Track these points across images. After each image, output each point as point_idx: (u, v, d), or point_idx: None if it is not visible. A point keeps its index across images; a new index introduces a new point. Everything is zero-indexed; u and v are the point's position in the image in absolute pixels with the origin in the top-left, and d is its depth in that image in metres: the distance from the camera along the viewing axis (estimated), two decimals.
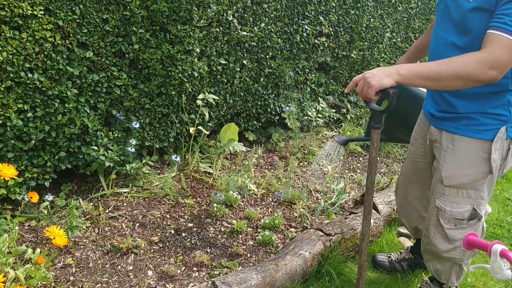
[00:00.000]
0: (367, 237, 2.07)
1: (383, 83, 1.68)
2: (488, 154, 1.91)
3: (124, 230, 2.74)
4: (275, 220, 2.95)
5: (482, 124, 1.90)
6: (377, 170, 4.19)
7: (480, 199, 2.02)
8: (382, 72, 1.70)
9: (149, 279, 2.39)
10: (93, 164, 2.93)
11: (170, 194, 3.12)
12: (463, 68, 1.63)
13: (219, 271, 2.51)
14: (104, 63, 2.81)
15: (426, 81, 1.67)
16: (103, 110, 2.91)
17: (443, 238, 2.10)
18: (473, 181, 1.97)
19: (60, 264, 2.39)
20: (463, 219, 2.03)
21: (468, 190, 1.99)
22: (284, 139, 4.32)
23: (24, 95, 2.51)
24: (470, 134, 1.93)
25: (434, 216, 2.10)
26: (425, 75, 1.67)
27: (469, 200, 2.01)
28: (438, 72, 1.65)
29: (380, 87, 1.69)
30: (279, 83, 4.15)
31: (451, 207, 2.03)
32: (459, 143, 1.97)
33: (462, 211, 2.02)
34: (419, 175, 2.34)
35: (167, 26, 3.05)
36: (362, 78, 1.74)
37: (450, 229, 2.06)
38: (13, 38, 2.39)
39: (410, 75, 1.68)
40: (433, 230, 2.12)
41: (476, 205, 2.02)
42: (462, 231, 2.03)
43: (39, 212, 2.69)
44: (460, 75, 1.63)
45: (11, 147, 2.52)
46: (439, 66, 1.66)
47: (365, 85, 1.72)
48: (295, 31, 4.13)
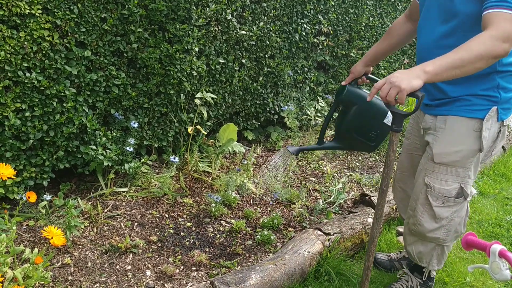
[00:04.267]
0: (376, 239, 2.09)
1: (414, 85, 1.66)
2: (479, 132, 1.99)
3: (123, 229, 2.73)
4: (274, 219, 2.95)
5: (474, 104, 1.99)
6: (377, 169, 4.19)
7: (467, 178, 2.10)
8: (408, 74, 1.68)
9: (147, 278, 2.39)
10: (91, 163, 2.92)
11: (169, 194, 3.11)
12: (482, 47, 1.65)
13: (218, 271, 2.51)
14: (103, 62, 2.80)
15: (453, 70, 1.67)
16: (101, 110, 2.90)
17: (430, 217, 2.17)
18: (463, 158, 2.05)
19: (58, 263, 2.39)
20: (451, 197, 2.11)
21: (457, 168, 2.07)
22: (283, 138, 4.31)
23: (22, 94, 2.50)
24: (462, 113, 2.01)
25: (422, 194, 2.17)
26: (450, 65, 1.67)
27: (457, 178, 2.09)
28: (461, 58, 1.66)
29: (412, 90, 1.67)
30: (278, 82, 4.14)
31: (439, 185, 2.10)
32: (451, 123, 2.04)
33: (450, 189, 2.10)
34: (415, 168, 2.36)
35: (166, 25, 3.04)
36: (387, 82, 1.69)
37: (438, 206, 2.13)
38: (11, 37, 2.38)
39: (438, 70, 1.67)
40: (421, 208, 2.19)
41: (464, 184, 2.10)
42: (449, 209, 2.13)
43: (37, 211, 2.68)
44: (482, 54, 1.65)
45: (9, 146, 2.52)
46: (459, 53, 1.67)
47: (392, 89, 1.67)
48: (294, 30, 4.13)
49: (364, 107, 2.26)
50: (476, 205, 3.67)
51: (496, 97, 1.97)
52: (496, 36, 1.66)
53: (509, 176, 4.40)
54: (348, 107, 2.29)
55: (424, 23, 2.12)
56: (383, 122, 2.29)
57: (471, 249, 1.73)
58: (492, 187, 4.11)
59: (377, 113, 2.27)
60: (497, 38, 1.66)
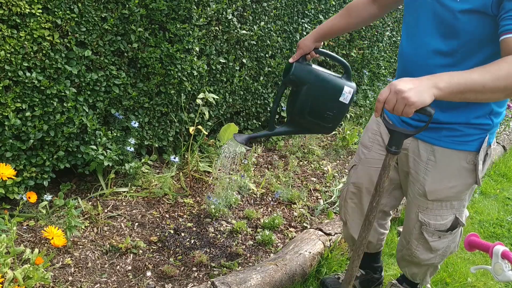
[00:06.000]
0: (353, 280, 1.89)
1: (425, 100, 1.38)
2: (473, 165, 1.80)
3: (123, 230, 2.72)
4: (274, 220, 2.94)
5: (465, 135, 1.77)
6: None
7: (462, 207, 1.95)
8: (417, 84, 1.40)
9: (148, 279, 2.38)
10: (92, 163, 2.91)
11: (169, 194, 3.10)
12: (510, 78, 1.39)
13: (219, 271, 2.50)
14: (103, 62, 2.79)
15: (469, 94, 1.41)
16: (102, 109, 2.89)
17: (426, 249, 2.03)
18: (457, 193, 1.87)
19: (58, 264, 2.38)
20: (447, 230, 1.95)
21: (452, 202, 1.91)
22: (283, 138, 4.31)
23: (22, 94, 2.50)
24: (453, 146, 1.79)
25: (416, 230, 1.99)
26: (469, 88, 1.39)
27: (452, 211, 1.93)
28: (483, 85, 1.39)
29: (422, 105, 1.38)
30: (279, 82, 4.13)
31: (435, 220, 1.94)
32: (441, 156, 1.82)
33: (446, 222, 1.94)
34: (373, 184, 2.01)
35: (166, 24, 3.03)
36: (392, 91, 1.41)
37: (434, 241, 1.98)
38: (11, 37, 2.38)
39: (453, 89, 1.40)
40: (415, 243, 2.03)
41: (458, 214, 1.94)
42: (445, 240, 1.99)
43: (38, 212, 2.67)
44: (507, 86, 1.39)
45: (9, 146, 2.51)
46: (482, 77, 1.39)
47: (399, 101, 1.40)
48: (295, 30, 4.12)
49: (317, 85, 1.99)
50: (477, 205, 3.67)
51: (489, 125, 1.76)
52: None
53: (510, 176, 4.40)
54: (298, 86, 2.01)
55: (413, 30, 1.79)
56: (339, 101, 2.01)
57: (473, 250, 1.72)
58: (493, 187, 4.10)
59: (331, 90, 2.00)
60: None
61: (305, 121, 2.06)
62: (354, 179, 2.15)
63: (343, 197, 2.23)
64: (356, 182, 2.14)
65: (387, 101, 1.42)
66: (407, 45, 1.82)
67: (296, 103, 2.02)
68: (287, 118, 2.14)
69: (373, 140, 2.08)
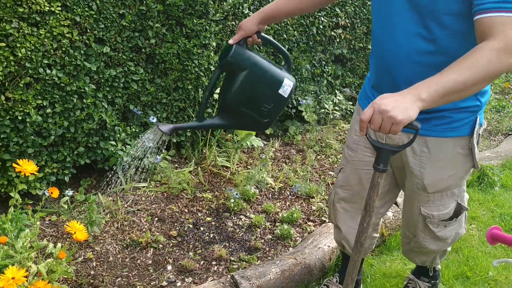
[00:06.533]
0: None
1: (411, 115, 1.31)
2: (468, 150, 1.75)
3: (143, 224, 2.75)
4: (293, 214, 2.94)
5: (455, 120, 1.70)
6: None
7: (463, 192, 1.92)
8: (400, 100, 1.32)
9: (168, 273, 2.40)
10: (111, 159, 2.94)
11: (188, 189, 3.12)
12: (489, 67, 1.33)
13: (238, 265, 2.51)
14: (121, 58, 2.82)
15: (452, 95, 1.36)
16: (120, 105, 2.92)
17: (435, 240, 1.97)
18: (457, 180, 1.83)
19: (80, 258, 2.42)
20: (451, 218, 1.91)
21: (453, 189, 1.86)
22: (301, 132, 4.30)
23: (43, 91, 2.53)
24: (444, 134, 1.73)
25: (421, 223, 1.94)
26: (450, 90, 1.34)
27: (453, 198, 1.89)
28: (464, 82, 1.33)
29: (409, 121, 1.32)
30: (295, 76, 4.12)
31: (438, 211, 1.89)
32: (434, 146, 1.75)
33: (449, 211, 1.90)
34: (363, 186, 1.98)
35: (183, 20, 3.04)
36: (376, 111, 1.34)
37: (441, 231, 1.94)
38: (31, 35, 2.41)
39: (435, 97, 1.34)
40: (422, 235, 1.98)
41: (460, 199, 1.90)
42: (452, 227, 1.94)
43: (59, 207, 2.71)
44: (487, 76, 1.34)
45: (31, 142, 2.55)
46: (460, 74, 1.33)
47: (385, 121, 1.32)
48: (311, 23, 4.10)
49: (256, 72, 1.83)
50: (498, 199, 3.62)
51: (477, 106, 1.70)
52: (504, 49, 1.33)
53: None
54: (235, 72, 1.83)
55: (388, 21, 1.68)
56: (277, 93, 1.86)
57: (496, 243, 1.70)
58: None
59: (271, 81, 1.84)
60: (504, 52, 1.33)
61: (238, 112, 1.88)
62: (342, 183, 2.07)
63: (331, 201, 2.15)
64: (345, 186, 2.06)
65: (372, 121, 1.35)
66: (384, 38, 1.71)
67: (231, 91, 1.84)
68: (218, 108, 1.96)
69: (357, 142, 1.99)
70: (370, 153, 1.93)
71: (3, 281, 1.55)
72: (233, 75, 1.84)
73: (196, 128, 1.99)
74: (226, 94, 1.87)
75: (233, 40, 1.87)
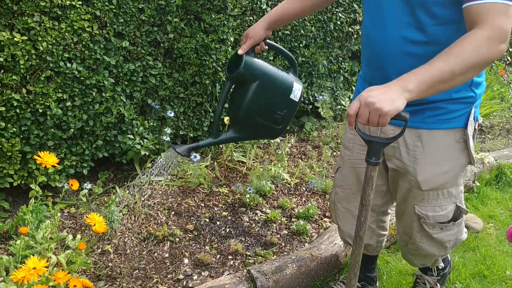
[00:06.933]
0: None
1: (399, 106, 1.31)
2: (463, 143, 1.69)
3: (160, 218, 2.77)
4: (309, 209, 2.94)
5: (450, 111, 1.65)
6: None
7: (461, 193, 1.81)
8: (387, 92, 1.32)
9: (185, 266, 2.42)
10: (129, 152, 2.97)
11: (204, 183, 3.14)
12: (476, 55, 1.32)
13: (254, 260, 2.52)
14: (140, 52, 2.84)
15: (440, 85, 1.33)
16: (138, 99, 2.94)
17: (431, 242, 1.87)
18: (452, 177, 1.74)
19: (98, 250, 2.45)
20: (449, 221, 1.81)
21: (449, 189, 1.76)
22: (317, 129, 4.29)
23: (63, 85, 2.56)
24: (438, 125, 1.67)
25: (416, 223, 1.85)
26: (437, 79, 1.32)
27: (451, 199, 1.79)
28: (451, 71, 1.31)
29: (397, 112, 1.31)
30: (312, 72, 4.11)
31: (433, 211, 1.79)
32: (428, 139, 1.69)
33: (446, 213, 1.79)
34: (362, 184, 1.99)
35: (201, 15, 3.05)
36: (362, 104, 1.33)
37: (437, 233, 1.83)
38: (52, 29, 2.43)
39: (422, 87, 1.32)
40: (418, 236, 1.88)
41: (459, 201, 1.80)
42: (450, 232, 1.84)
43: (78, 199, 2.75)
44: (476, 64, 1.33)
45: (51, 135, 2.58)
46: (447, 63, 1.32)
47: (372, 113, 1.32)
48: (329, 19, 4.08)
49: (267, 81, 1.80)
50: None
51: (472, 97, 1.65)
52: (493, 38, 1.32)
53: None
54: (246, 83, 1.80)
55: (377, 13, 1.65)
56: (289, 98, 1.86)
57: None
58: None
59: (281, 88, 1.84)
60: (493, 40, 1.32)
61: (253, 123, 1.86)
62: (341, 182, 2.04)
63: (331, 201, 2.12)
64: (343, 185, 2.03)
65: (360, 114, 1.35)
66: (374, 30, 1.67)
67: (244, 102, 1.81)
68: (231, 121, 1.93)
69: (353, 141, 1.96)
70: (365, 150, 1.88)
71: (25, 271, 1.57)
72: (243, 86, 1.81)
73: (212, 144, 1.96)
74: (239, 106, 1.84)
75: (243, 50, 1.82)
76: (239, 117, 1.85)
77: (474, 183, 3.63)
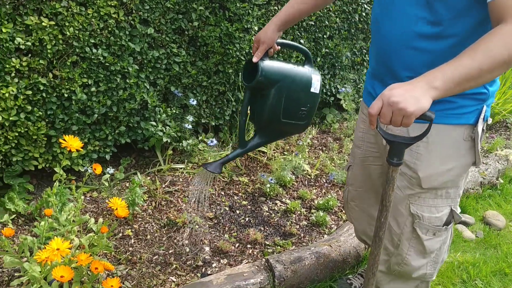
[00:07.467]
0: None
1: (424, 105, 1.22)
2: (471, 141, 1.58)
3: (180, 205, 2.79)
4: (329, 201, 2.93)
5: (461, 106, 1.54)
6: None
7: (458, 197, 1.71)
8: (411, 89, 1.23)
9: (204, 253, 2.43)
10: (151, 139, 2.99)
11: (225, 172, 3.15)
12: (506, 52, 1.21)
13: (273, 250, 2.53)
14: (164, 40, 2.84)
15: (467, 83, 1.24)
16: (162, 87, 2.95)
17: (418, 253, 1.75)
18: (456, 176, 1.64)
19: (119, 234, 2.48)
20: (442, 225, 1.70)
21: (448, 189, 1.66)
22: (338, 121, 4.27)
23: (89, 70, 2.58)
24: (447, 120, 1.56)
25: (408, 227, 1.71)
26: (465, 77, 1.22)
27: (447, 201, 1.68)
28: (480, 68, 1.22)
29: (422, 112, 1.22)
30: (335, 64, 4.08)
31: (429, 213, 1.67)
32: (435, 134, 1.56)
33: (441, 215, 1.69)
34: (373, 182, 1.92)
35: (226, 3, 3.04)
36: (385, 104, 1.24)
37: (429, 239, 1.71)
38: (79, 14, 2.45)
39: (449, 84, 1.23)
40: (407, 245, 1.74)
41: (454, 205, 1.70)
42: (439, 239, 1.73)
43: (100, 184, 2.78)
44: (505, 60, 1.22)
45: (75, 120, 2.61)
46: (475, 59, 1.22)
47: (395, 113, 1.23)
48: (354, 11, 4.04)
49: (287, 82, 1.78)
50: None
51: (484, 94, 1.54)
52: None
53: None
54: (265, 89, 1.78)
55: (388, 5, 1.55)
56: (310, 93, 1.84)
57: None
58: None
59: (301, 84, 1.81)
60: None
61: (278, 125, 1.84)
62: (353, 180, 2.02)
63: (345, 199, 2.10)
64: (355, 183, 2.01)
65: (382, 114, 1.26)
66: (383, 22, 1.59)
67: (266, 107, 1.79)
68: (256, 128, 1.92)
69: (363, 139, 1.91)
70: (376, 148, 1.85)
71: (48, 252, 1.60)
72: (263, 91, 1.79)
73: (241, 154, 1.92)
74: (261, 113, 1.82)
75: (257, 57, 1.77)
76: (264, 123, 1.85)
77: (497, 180, 3.57)
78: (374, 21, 1.65)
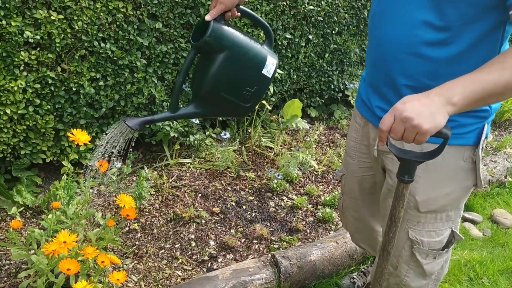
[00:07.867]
0: None
1: (440, 123, 1.11)
2: (471, 163, 1.46)
3: (187, 199, 2.80)
4: (335, 198, 2.92)
5: (461, 125, 1.41)
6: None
7: (458, 217, 1.60)
8: (426, 104, 1.11)
9: (210, 248, 2.44)
10: (158, 133, 2.99)
11: (232, 167, 3.15)
12: None
13: (279, 245, 2.53)
14: (172, 34, 2.84)
15: (488, 99, 1.14)
16: (169, 81, 2.96)
17: (418, 275, 1.65)
18: (455, 200, 1.52)
19: (126, 228, 2.49)
20: (442, 249, 1.59)
21: (449, 212, 1.54)
22: (346, 117, 4.25)
23: (97, 64, 2.59)
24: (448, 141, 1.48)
25: (406, 251, 1.61)
26: (488, 93, 1.11)
27: (448, 223, 1.56)
28: (505, 84, 1.10)
29: (437, 130, 1.12)
30: (344, 60, 4.06)
31: (429, 237, 1.56)
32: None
33: (441, 239, 1.57)
34: (367, 191, 1.85)
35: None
36: (397, 119, 1.13)
37: (429, 263, 1.61)
38: (88, 8, 2.46)
39: (470, 99, 1.11)
40: (405, 267, 1.64)
41: (455, 226, 1.58)
42: (440, 260, 1.62)
43: (108, 178, 2.79)
44: None
45: (83, 114, 2.62)
46: (501, 76, 1.10)
47: (409, 130, 1.12)
48: (363, 6, 4.01)
49: (237, 52, 1.59)
50: None
51: (486, 111, 1.41)
52: None
53: None
54: (212, 54, 1.58)
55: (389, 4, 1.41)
56: (261, 74, 1.64)
57: None
58: None
59: (253, 61, 1.62)
60: None
61: (217, 99, 1.64)
62: (346, 190, 1.94)
63: (340, 208, 2.03)
64: (349, 192, 1.93)
65: (393, 130, 1.14)
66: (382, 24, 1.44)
67: (208, 75, 1.60)
68: (194, 95, 1.72)
69: (354, 149, 1.81)
70: (368, 158, 1.75)
71: (55, 244, 1.61)
72: (209, 56, 1.60)
73: (168, 119, 1.74)
74: (202, 79, 1.63)
75: (211, 16, 1.54)
76: (202, 91, 1.65)
77: (506, 178, 3.55)
78: (371, 21, 1.51)
